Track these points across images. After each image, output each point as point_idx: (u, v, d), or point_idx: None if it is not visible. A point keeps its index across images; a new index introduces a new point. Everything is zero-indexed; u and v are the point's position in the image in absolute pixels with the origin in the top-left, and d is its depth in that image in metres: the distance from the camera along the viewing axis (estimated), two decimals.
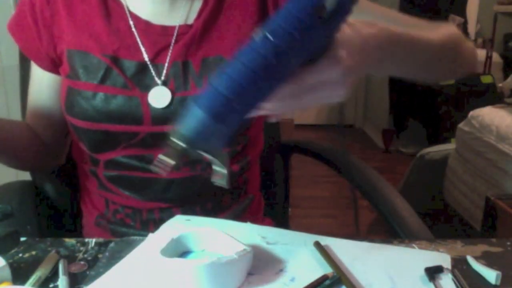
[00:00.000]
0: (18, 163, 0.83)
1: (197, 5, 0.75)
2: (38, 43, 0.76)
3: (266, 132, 0.91)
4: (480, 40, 4.00)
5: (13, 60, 0.82)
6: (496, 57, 3.81)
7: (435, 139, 3.26)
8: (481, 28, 4.08)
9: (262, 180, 0.93)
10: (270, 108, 0.49)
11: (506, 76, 3.38)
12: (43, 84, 0.80)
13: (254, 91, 0.46)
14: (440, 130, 3.29)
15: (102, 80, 0.71)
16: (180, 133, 0.46)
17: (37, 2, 0.75)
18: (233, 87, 0.45)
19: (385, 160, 3.66)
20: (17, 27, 0.78)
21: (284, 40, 0.44)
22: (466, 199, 2.14)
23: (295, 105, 0.50)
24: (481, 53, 3.68)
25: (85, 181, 0.83)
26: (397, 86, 3.75)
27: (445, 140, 3.08)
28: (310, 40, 0.46)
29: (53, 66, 0.77)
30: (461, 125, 2.26)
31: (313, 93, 0.49)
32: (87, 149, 0.76)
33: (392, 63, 0.58)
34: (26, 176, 0.93)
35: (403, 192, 2.32)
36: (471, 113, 2.22)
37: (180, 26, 0.74)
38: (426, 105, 3.42)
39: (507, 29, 4.18)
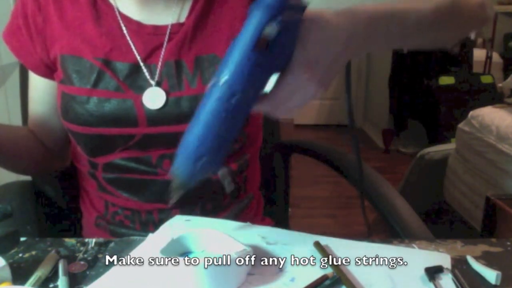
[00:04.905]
0: (20, 169, 0.83)
1: (188, 3, 0.74)
2: (32, 50, 0.76)
3: (266, 132, 0.91)
4: (480, 40, 4.00)
5: (13, 60, 0.81)
6: (496, 57, 3.82)
7: (435, 139, 3.26)
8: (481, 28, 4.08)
9: (262, 180, 0.93)
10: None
11: (506, 76, 3.38)
12: (41, 90, 0.80)
13: (226, 128, 0.50)
14: (440, 130, 3.29)
15: (95, 84, 0.71)
16: (174, 175, 0.53)
17: (29, 9, 0.74)
18: (204, 133, 0.50)
19: (385, 160, 3.66)
20: (11, 36, 0.77)
21: (237, 84, 0.48)
22: (466, 199, 2.14)
23: (276, 114, 0.54)
24: (481, 53, 3.68)
25: (84, 182, 0.83)
26: (397, 86, 3.75)
27: (445, 140, 3.08)
28: (265, 68, 0.49)
29: (49, 72, 0.77)
30: (461, 125, 2.26)
31: (289, 101, 0.52)
32: (84, 153, 0.76)
33: (374, 43, 0.56)
34: (26, 176, 0.93)
35: (403, 192, 2.33)
36: (471, 113, 2.22)
37: (172, 25, 0.73)
38: (426, 105, 3.42)
39: (507, 29, 4.18)
